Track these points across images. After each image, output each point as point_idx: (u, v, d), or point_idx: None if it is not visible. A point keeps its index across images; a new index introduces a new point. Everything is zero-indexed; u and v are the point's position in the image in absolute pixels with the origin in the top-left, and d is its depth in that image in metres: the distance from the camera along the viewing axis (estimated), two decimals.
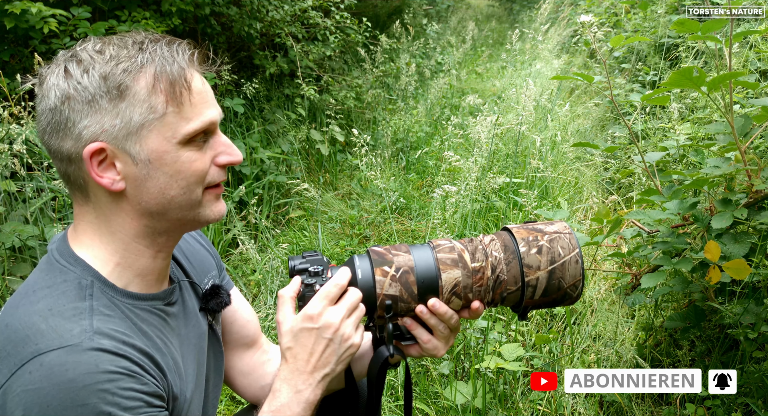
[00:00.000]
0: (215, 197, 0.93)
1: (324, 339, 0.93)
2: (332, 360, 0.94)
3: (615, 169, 3.67)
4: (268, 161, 3.69)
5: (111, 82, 0.82)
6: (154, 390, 0.83)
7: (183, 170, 0.87)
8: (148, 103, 0.83)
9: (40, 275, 0.88)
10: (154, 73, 0.84)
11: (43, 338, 0.78)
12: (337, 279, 0.96)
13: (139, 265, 0.92)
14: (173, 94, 0.84)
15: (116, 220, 0.90)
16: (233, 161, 0.92)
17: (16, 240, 2.19)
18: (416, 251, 0.97)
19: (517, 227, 1.00)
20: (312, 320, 0.94)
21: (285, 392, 0.93)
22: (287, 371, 0.94)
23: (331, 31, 4.55)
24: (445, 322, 0.98)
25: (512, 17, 12.34)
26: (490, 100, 5.29)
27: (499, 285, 0.97)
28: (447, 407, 1.99)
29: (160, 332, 0.93)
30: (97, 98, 0.82)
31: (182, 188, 0.88)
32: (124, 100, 0.83)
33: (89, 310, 0.83)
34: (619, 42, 1.69)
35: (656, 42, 4.31)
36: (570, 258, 0.96)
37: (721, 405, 1.83)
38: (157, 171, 0.86)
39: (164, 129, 0.85)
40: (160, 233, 0.92)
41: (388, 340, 0.97)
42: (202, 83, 0.89)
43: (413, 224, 3.46)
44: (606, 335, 2.31)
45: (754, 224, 1.71)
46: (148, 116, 0.84)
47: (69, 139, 0.84)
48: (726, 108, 1.66)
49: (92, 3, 2.96)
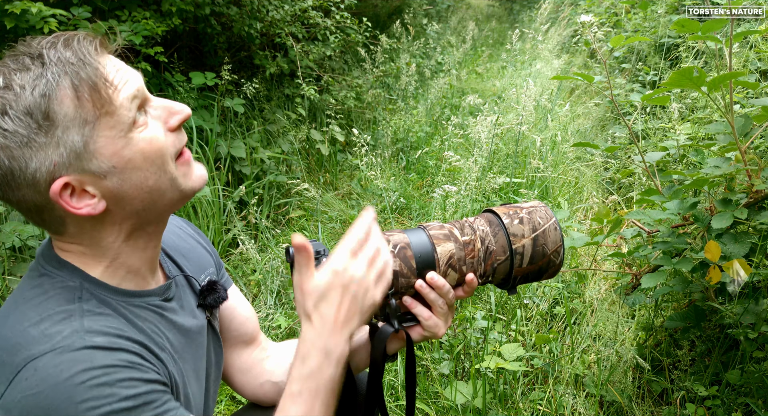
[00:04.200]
0: (187, 164, 0.90)
1: (349, 294, 0.90)
2: (357, 316, 0.91)
3: (615, 169, 3.68)
4: (268, 161, 3.69)
5: (36, 115, 0.76)
6: (155, 377, 0.82)
7: (147, 153, 0.83)
8: (79, 118, 0.78)
9: (28, 283, 0.87)
10: (71, 84, 0.77)
11: (34, 343, 0.77)
12: (357, 229, 0.93)
13: (131, 262, 0.91)
14: (99, 97, 0.79)
15: (105, 237, 0.88)
16: (183, 118, 0.87)
17: (16, 240, 2.19)
18: (409, 231, 1.02)
19: (497, 207, 1.08)
20: (338, 275, 0.89)
21: (314, 356, 0.89)
22: (314, 333, 0.89)
23: (331, 31, 4.55)
24: (443, 296, 0.99)
25: (512, 17, 12.34)
26: (490, 100, 5.29)
27: (489, 256, 1.02)
28: (447, 407, 1.99)
29: (156, 327, 0.93)
30: (32, 137, 0.76)
31: (155, 172, 0.85)
32: (58, 127, 0.77)
33: (79, 311, 0.82)
34: (619, 42, 1.69)
35: (656, 42, 4.31)
36: (549, 225, 1.04)
37: (721, 405, 1.83)
38: (126, 171, 0.83)
39: (107, 131, 0.80)
40: (149, 223, 0.90)
41: (392, 316, 0.98)
42: (113, 66, 0.83)
43: (413, 224, 3.46)
44: (606, 335, 2.31)
45: (754, 224, 1.71)
46: (85, 130, 0.79)
47: (25, 188, 0.79)
48: (726, 108, 1.66)
49: (92, 3, 2.96)
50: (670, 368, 2.04)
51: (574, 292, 2.61)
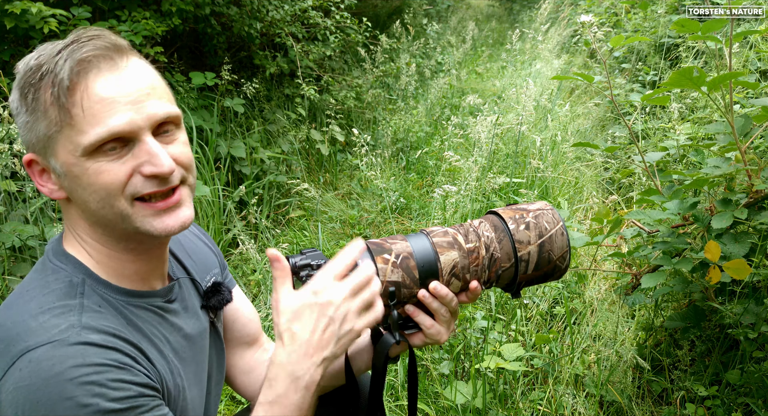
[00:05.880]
0: (155, 212, 0.86)
1: (325, 316, 0.86)
2: (332, 342, 0.87)
3: (615, 169, 3.67)
4: (268, 161, 3.69)
5: (24, 97, 0.83)
6: (145, 381, 0.82)
7: (92, 182, 0.83)
8: (48, 116, 0.82)
9: (34, 276, 0.89)
10: (50, 84, 0.81)
11: (32, 335, 0.78)
12: (344, 256, 0.90)
13: (120, 267, 0.91)
14: (62, 106, 0.80)
15: (78, 226, 0.91)
16: (156, 172, 0.83)
17: (16, 240, 2.19)
18: (412, 239, 0.99)
19: (502, 209, 1.05)
20: (316, 295, 0.87)
21: (282, 380, 0.85)
22: (284, 354, 0.86)
23: (331, 31, 4.55)
24: (446, 305, 0.98)
25: (512, 17, 12.34)
26: (490, 100, 5.29)
27: (494, 263, 0.99)
28: (447, 407, 1.99)
29: (155, 329, 0.93)
30: (20, 112, 0.84)
31: (98, 201, 0.84)
32: (35, 114, 0.83)
33: (79, 307, 0.83)
34: (619, 42, 1.69)
35: (656, 42, 4.31)
36: (556, 231, 1.00)
37: (721, 405, 1.83)
38: (73, 184, 0.84)
39: (65, 142, 0.82)
40: (123, 239, 0.89)
41: (393, 327, 0.97)
42: (114, 88, 0.82)
43: (413, 224, 3.46)
44: (606, 335, 2.31)
45: (754, 224, 1.71)
46: (50, 129, 0.82)
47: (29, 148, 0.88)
48: (726, 108, 1.66)
49: (92, 3, 2.96)
50: (670, 368, 2.04)
51: (574, 292, 2.61)
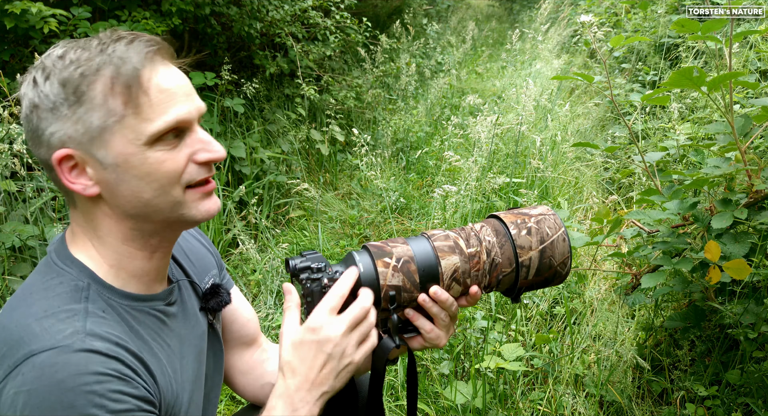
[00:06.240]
0: (202, 196, 0.90)
1: (323, 353, 0.89)
2: (331, 377, 0.90)
3: (615, 169, 3.68)
4: (268, 160, 3.69)
5: (69, 88, 0.82)
6: (144, 395, 0.82)
7: (153, 171, 0.84)
8: (105, 106, 0.82)
9: (37, 277, 0.88)
10: (111, 75, 0.82)
11: (36, 339, 0.78)
12: (339, 288, 0.92)
13: (133, 267, 0.91)
14: (129, 96, 0.82)
15: (102, 224, 0.89)
16: (212, 157, 0.88)
17: (16, 240, 2.19)
18: (413, 242, 0.99)
19: (504, 213, 1.04)
20: (314, 332, 0.90)
21: (280, 410, 0.89)
22: (283, 387, 0.90)
23: (331, 31, 4.55)
24: (446, 309, 0.98)
25: (512, 17, 12.34)
26: (490, 100, 5.29)
27: (495, 268, 0.99)
28: (447, 407, 1.99)
29: (157, 334, 0.93)
30: (57, 105, 0.82)
31: (155, 190, 0.85)
32: (83, 106, 0.82)
33: (84, 312, 0.83)
34: (619, 42, 1.69)
35: (656, 42, 4.32)
36: (558, 237, 1.00)
37: (721, 405, 1.83)
38: (127, 174, 0.84)
39: (126, 132, 0.83)
40: (150, 234, 0.90)
41: (393, 331, 0.97)
42: (172, 80, 0.85)
43: (413, 224, 3.46)
44: (606, 335, 2.31)
45: (754, 224, 1.71)
46: (107, 120, 0.82)
47: (42, 147, 0.85)
48: (726, 108, 1.66)
49: (92, 3, 2.96)
50: (670, 368, 2.04)
51: (574, 292, 2.61)
